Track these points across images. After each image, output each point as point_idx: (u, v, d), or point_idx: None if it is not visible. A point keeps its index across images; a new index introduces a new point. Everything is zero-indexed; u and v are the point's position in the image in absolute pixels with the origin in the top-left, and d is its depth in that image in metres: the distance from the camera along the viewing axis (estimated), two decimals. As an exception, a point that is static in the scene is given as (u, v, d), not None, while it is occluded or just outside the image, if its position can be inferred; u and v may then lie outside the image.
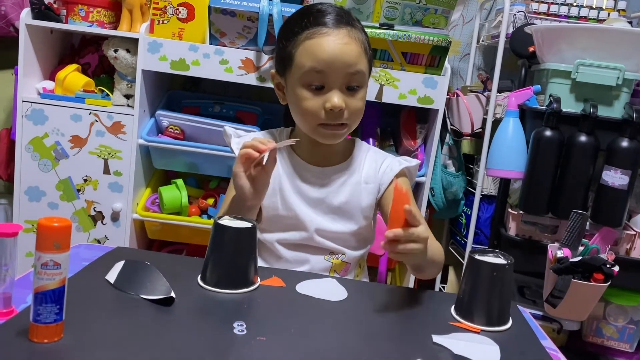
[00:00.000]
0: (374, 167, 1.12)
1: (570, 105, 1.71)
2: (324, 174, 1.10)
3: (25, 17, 1.82)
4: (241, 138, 1.14)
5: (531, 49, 1.86)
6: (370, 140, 1.97)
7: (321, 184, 1.10)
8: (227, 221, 0.86)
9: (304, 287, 0.89)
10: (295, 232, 1.09)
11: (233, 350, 0.67)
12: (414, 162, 1.14)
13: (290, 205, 1.08)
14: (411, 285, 1.93)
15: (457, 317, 0.84)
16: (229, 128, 1.17)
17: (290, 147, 1.13)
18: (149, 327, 0.70)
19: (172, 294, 0.78)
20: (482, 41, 2.23)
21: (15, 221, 1.89)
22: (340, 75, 0.98)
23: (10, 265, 0.69)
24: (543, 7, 2.06)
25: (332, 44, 0.97)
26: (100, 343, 0.65)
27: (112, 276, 0.83)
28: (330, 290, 0.90)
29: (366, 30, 1.07)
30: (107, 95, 1.90)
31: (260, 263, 1.11)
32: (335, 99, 0.98)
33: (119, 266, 0.86)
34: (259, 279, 0.89)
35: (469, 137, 2.07)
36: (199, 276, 0.87)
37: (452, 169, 2.07)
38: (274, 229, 1.10)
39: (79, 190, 1.90)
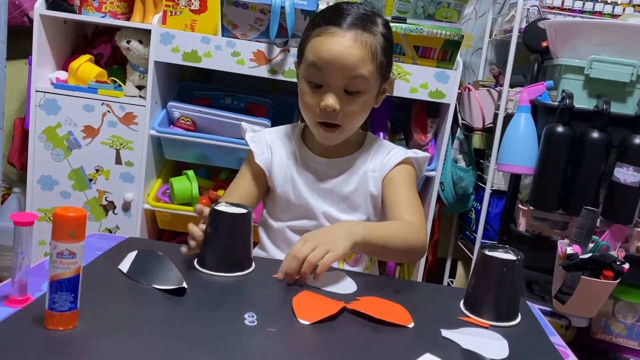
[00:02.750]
0: (381, 156, 1.14)
1: (583, 102, 1.69)
2: (333, 165, 1.12)
3: (39, 7, 1.83)
4: (256, 133, 1.16)
5: (544, 44, 1.85)
6: (381, 134, 1.97)
7: (330, 175, 1.12)
8: (223, 207, 0.90)
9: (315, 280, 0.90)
10: (306, 220, 1.12)
11: (244, 341, 0.67)
12: (422, 154, 1.15)
13: (301, 193, 1.11)
14: (419, 279, 1.94)
15: (466, 312, 0.85)
16: (244, 123, 1.20)
17: (301, 139, 1.15)
18: (161, 317, 0.71)
19: (184, 284, 0.78)
20: (495, 35, 2.21)
21: (28, 210, 1.91)
22: (338, 76, 0.99)
23: (26, 254, 0.70)
24: (557, 2, 2.04)
25: (334, 44, 0.98)
26: (113, 331, 0.66)
27: (125, 266, 0.85)
28: (340, 283, 0.91)
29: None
30: (120, 86, 1.91)
31: (273, 250, 1.13)
32: (330, 100, 1.00)
33: (131, 256, 0.87)
34: (253, 263, 0.91)
35: (480, 132, 2.06)
36: (195, 260, 0.89)
37: (462, 163, 2.07)
38: (286, 217, 1.14)
39: (90, 180, 1.91)
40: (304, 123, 1.17)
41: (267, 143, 1.15)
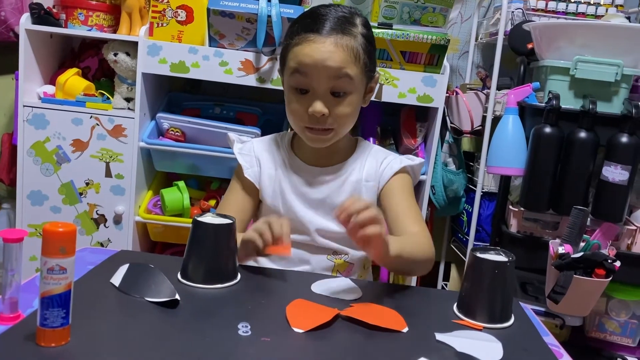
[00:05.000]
0: (375, 165, 1.12)
1: (570, 102, 1.71)
2: (324, 174, 1.11)
3: (25, 22, 1.82)
4: (244, 144, 1.16)
5: (530, 45, 1.86)
6: (371, 139, 1.98)
7: (321, 184, 1.10)
8: (206, 218, 0.89)
9: (319, 287, 0.90)
10: (296, 234, 1.09)
11: (238, 352, 0.67)
12: (417, 160, 1.14)
13: (291, 207, 1.10)
14: (413, 283, 1.94)
15: (460, 315, 0.85)
16: (232, 134, 1.19)
17: (290, 148, 1.14)
18: (154, 330, 0.71)
19: (177, 297, 0.78)
20: (481, 39, 2.23)
21: (18, 226, 1.89)
22: (322, 79, 0.99)
23: (17, 270, 0.69)
24: (541, 4, 2.06)
25: (315, 51, 0.98)
26: (106, 346, 0.65)
27: (116, 279, 0.84)
28: (345, 289, 0.90)
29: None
30: (108, 98, 1.91)
31: (263, 259, 1.12)
32: (318, 105, 1.00)
33: (123, 269, 0.86)
34: (239, 275, 0.90)
35: (469, 135, 2.08)
36: (179, 273, 0.88)
37: (452, 166, 2.08)
38: None
39: (81, 194, 1.90)
40: (293, 131, 1.16)
41: (256, 155, 1.14)
